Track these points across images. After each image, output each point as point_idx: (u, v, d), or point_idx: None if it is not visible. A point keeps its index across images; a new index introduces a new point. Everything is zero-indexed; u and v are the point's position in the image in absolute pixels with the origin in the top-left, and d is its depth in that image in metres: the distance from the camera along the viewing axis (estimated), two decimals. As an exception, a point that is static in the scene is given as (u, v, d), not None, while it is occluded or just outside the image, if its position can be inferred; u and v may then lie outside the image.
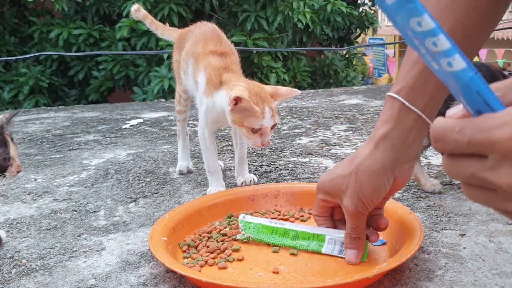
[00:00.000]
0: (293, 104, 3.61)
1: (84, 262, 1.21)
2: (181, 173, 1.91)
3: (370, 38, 12.41)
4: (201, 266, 1.13)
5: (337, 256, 1.12)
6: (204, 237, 1.28)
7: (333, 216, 1.14)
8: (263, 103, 1.45)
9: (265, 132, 1.45)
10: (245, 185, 1.68)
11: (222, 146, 2.36)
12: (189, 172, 1.93)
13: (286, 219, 1.37)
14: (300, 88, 6.79)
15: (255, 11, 6.26)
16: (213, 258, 1.16)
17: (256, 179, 1.74)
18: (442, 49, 0.43)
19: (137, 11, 1.98)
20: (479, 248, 1.17)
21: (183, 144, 1.97)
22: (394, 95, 0.92)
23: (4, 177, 1.24)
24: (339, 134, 2.52)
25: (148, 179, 1.87)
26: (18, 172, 1.26)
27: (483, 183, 0.46)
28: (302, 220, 1.37)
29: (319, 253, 1.15)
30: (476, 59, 7.61)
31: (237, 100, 1.41)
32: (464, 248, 1.17)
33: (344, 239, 1.08)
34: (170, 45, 5.45)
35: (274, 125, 1.49)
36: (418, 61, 0.90)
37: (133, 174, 1.93)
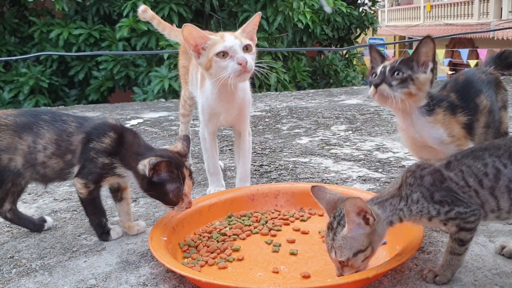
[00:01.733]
0: (293, 104, 3.61)
1: (84, 262, 1.21)
2: None
3: (370, 38, 12.40)
4: (201, 266, 1.13)
5: None
6: (204, 237, 1.28)
7: None
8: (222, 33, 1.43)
9: (234, 52, 1.39)
10: None
11: (222, 146, 2.36)
12: None
13: (286, 219, 1.37)
14: (300, 88, 6.79)
15: (255, 11, 6.26)
16: (213, 258, 1.16)
17: None
18: None
19: (145, 12, 1.96)
20: (479, 248, 1.17)
21: None
22: None
23: (172, 208, 1.24)
24: (339, 134, 2.52)
25: (148, 179, 1.87)
26: (187, 208, 1.25)
27: None
28: (302, 220, 1.37)
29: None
30: (475, 59, 7.60)
31: (184, 28, 1.41)
32: (464, 248, 1.17)
33: None
34: (170, 45, 5.45)
35: (247, 45, 1.41)
36: None
37: (133, 174, 1.93)
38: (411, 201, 0.99)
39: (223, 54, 1.39)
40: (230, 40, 1.40)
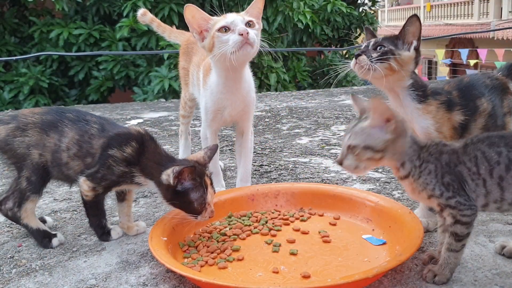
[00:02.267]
0: (293, 104, 3.61)
1: (84, 262, 1.21)
2: None
3: (370, 38, 12.38)
4: (201, 266, 1.13)
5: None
6: (204, 237, 1.28)
7: None
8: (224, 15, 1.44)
9: (235, 25, 1.40)
10: None
11: (222, 146, 2.36)
12: None
13: (286, 219, 1.37)
14: (300, 88, 6.80)
15: (255, 11, 6.26)
16: (213, 258, 1.16)
17: None
18: None
19: (144, 15, 1.95)
20: (479, 248, 1.17)
21: (184, 143, 2.02)
22: None
23: (195, 218, 1.22)
24: (339, 134, 2.52)
25: (148, 179, 1.87)
26: (210, 217, 1.24)
27: None
28: (302, 220, 1.37)
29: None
30: (475, 60, 7.60)
31: (186, 9, 1.44)
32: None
33: None
34: (170, 45, 5.44)
35: (249, 21, 1.42)
36: None
37: (133, 174, 1.93)
38: (424, 169, 1.00)
39: (225, 29, 1.39)
40: (231, 16, 1.43)
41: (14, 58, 5.14)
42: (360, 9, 8.00)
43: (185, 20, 1.44)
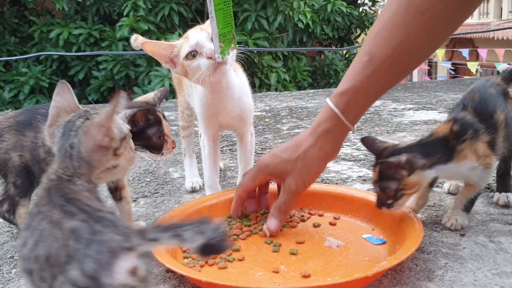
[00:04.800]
0: (293, 104, 3.61)
1: (84, 261, 1.21)
2: (193, 190, 1.71)
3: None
4: (201, 266, 1.13)
5: None
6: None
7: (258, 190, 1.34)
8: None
9: (201, 47, 1.28)
10: None
11: (222, 146, 2.36)
12: (201, 188, 1.73)
13: (288, 221, 1.37)
14: (300, 88, 6.80)
15: (255, 10, 6.26)
16: (213, 258, 1.16)
17: None
18: None
19: (135, 40, 1.73)
20: (479, 248, 1.17)
21: (190, 161, 1.78)
22: (333, 107, 1.13)
23: (162, 154, 1.26)
24: (339, 134, 2.51)
25: (148, 179, 1.87)
26: (173, 148, 1.28)
27: None
28: (302, 220, 1.37)
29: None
30: (476, 61, 7.61)
31: (144, 46, 1.34)
32: (464, 248, 1.17)
33: (272, 209, 1.24)
34: (170, 45, 5.46)
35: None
36: (369, 65, 1.09)
37: (133, 174, 1.93)
38: None
39: (193, 53, 1.29)
40: (193, 36, 1.30)
41: (14, 58, 5.15)
42: (360, 9, 8.00)
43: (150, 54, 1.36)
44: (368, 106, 1.18)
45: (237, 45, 1.35)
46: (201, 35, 1.30)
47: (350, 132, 1.15)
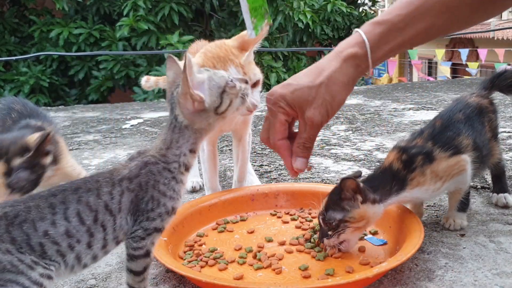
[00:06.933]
0: (293, 104, 3.60)
1: (84, 262, 1.21)
2: (193, 190, 1.73)
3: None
4: (202, 267, 1.13)
5: None
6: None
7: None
8: (224, 64, 1.23)
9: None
10: None
11: (222, 146, 2.36)
12: (201, 188, 1.74)
13: (287, 222, 1.37)
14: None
15: (255, 10, 6.26)
16: (213, 259, 1.16)
17: None
18: None
19: (147, 81, 1.80)
20: (479, 248, 1.17)
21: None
22: (363, 35, 1.03)
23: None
24: (339, 134, 2.52)
25: (148, 179, 1.86)
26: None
27: None
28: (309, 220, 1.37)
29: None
30: (476, 63, 7.60)
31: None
32: (464, 248, 1.17)
33: (296, 148, 1.07)
34: (170, 45, 5.45)
35: (256, 82, 1.27)
36: (411, 4, 1.00)
37: (133, 174, 1.93)
38: None
39: None
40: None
41: (14, 58, 5.15)
42: (360, 9, 8.01)
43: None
44: (398, 50, 1.04)
45: (271, 21, 1.25)
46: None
47: (350, 132, 1.12)
